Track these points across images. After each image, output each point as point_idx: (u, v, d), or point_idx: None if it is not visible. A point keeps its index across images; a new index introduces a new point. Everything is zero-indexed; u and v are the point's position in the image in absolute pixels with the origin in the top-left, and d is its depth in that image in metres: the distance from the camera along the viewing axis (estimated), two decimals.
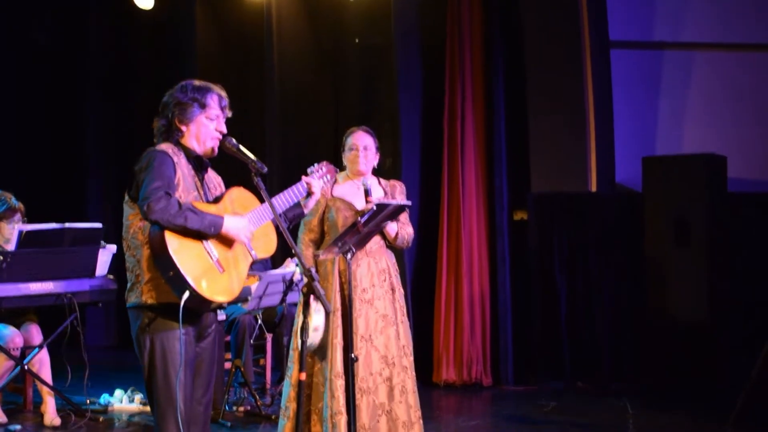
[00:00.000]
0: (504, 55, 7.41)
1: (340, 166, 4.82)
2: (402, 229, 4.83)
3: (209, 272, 3.51)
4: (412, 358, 4.85)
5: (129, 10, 8.69)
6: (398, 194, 4.95)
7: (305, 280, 3.54)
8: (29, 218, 6.04)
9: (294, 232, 4.75)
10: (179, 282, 3.43)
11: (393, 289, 4.83)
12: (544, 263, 7.37)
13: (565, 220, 7.40)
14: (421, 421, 4.79)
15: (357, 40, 8.56)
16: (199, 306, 3.55)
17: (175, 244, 3.45)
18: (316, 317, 4.29)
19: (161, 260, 3.47)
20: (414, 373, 4.84)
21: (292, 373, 4.76)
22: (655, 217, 7.18)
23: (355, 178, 4.88)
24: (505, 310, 7.29)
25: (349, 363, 4.46)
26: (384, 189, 4.94)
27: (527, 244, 7.44)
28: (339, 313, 4.69)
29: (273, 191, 3.98)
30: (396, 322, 4.79)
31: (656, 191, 7.20)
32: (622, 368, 7.26)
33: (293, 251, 3.57)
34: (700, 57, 8.12)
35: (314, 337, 4.45)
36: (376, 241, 4.78)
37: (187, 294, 3.43)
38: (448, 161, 7.38)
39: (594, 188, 7.53)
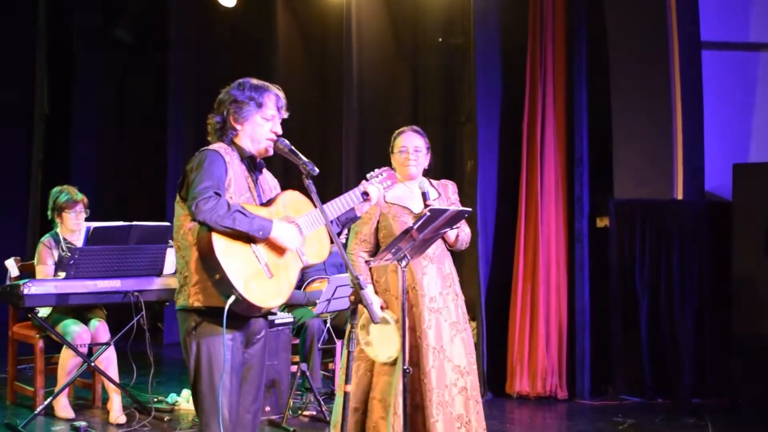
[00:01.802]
0: (587, 56, 7.09)
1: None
2: (461, 231, 4.57)
3: (257, 276, 3.40)
4: (475, 366, 4.65)
5: (211, 7, 8.71)
6: (451, 193, 4.72)
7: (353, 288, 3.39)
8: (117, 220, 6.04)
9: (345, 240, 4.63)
10: (225, 285, 3.33)
11: (457, 295, 4.63)
12: (625, 273, 7.06)
13: (649, 228, 7.08)
14: None
15: (440, 39, 8.40)
16: (247, 311, 3.45)
17: (222, 246, 3.35)
18: (384, 329, 4.12)
19: (208, 262, 3.37)
20: (478, 382, 4.65)
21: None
22: (746, 228, 6.82)
23: (406, 181, 4.64)
24: (583, 320, 7.01)
25: (403, 376, 4.23)
26: (437, 190, 4.71)
27: (607, 253, 7.14)
28: (407, 326, 4.36)
29: (348, 189, 3.89)
30: (464, 328, 4.61)
31: (748, 200, 6.83)
32: (704, 385, 6.91)
33: (342, 257, 3.42)
34: None
35: (391, 350, 4.31)
36: (437, 245, 4.55)
37: (232, 298, 3.33)
38: (527, 164, 7.11)
39: (680, 196, 7.18)
